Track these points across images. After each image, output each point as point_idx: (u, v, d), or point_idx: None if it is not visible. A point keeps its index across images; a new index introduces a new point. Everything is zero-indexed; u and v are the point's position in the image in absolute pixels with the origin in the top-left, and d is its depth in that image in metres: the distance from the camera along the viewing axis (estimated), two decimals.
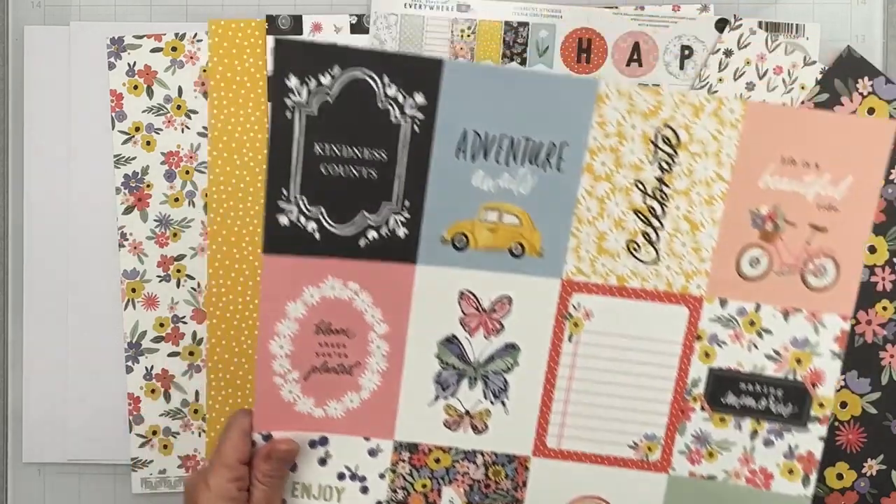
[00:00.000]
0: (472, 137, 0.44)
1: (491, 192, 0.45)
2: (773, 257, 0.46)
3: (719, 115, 0.45)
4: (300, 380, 0.46)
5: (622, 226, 0.46)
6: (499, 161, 0.45)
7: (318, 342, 0.46)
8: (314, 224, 0.44)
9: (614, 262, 0.47)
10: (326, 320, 0.46)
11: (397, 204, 0.45)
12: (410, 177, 0.44)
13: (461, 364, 0.48)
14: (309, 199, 0.44)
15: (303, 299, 0.45)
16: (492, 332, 0.47)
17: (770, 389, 0.47)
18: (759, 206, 0.46)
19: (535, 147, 0.45)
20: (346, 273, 0.45)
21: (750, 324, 0.47)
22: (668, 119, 0.45)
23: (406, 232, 0.45)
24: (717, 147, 0.45)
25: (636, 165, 0.46)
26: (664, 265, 0.47)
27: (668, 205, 0.46)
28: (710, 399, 0.48)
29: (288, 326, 0.45)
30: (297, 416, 0.47)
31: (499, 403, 0.48)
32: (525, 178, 0.45)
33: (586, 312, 0.47)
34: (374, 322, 0.46)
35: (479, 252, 0.46)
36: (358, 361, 0.47)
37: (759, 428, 0.47)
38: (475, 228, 0.46)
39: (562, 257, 0.46)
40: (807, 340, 0.47)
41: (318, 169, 0.43)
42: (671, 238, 0.46)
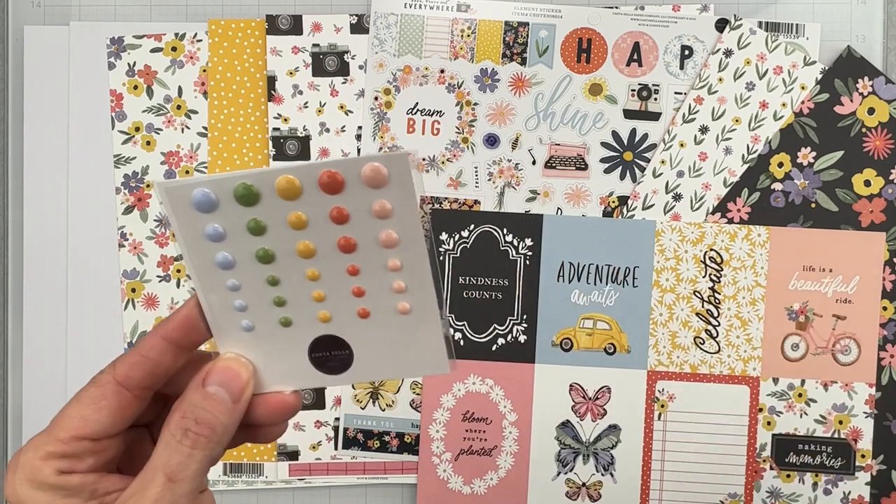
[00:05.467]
0: (568, 266, 0.64)
1: (586, 306, 0.64)
2: (808, 342, 0.64)
3: (750, 239, 0.64)
4: (452, 460, 0.63)
5: (688, 325, 0.64)
6: (589, 282, 0.64)
7: (465, 428, 0.63)
8: (459, 334, 0.63)
9: (686, 354, 0.64)
10: (470, 410, 0.63)
11: (518, 317, 0.64)
12: (526, 297, 0.64)
13: (576, 444, 0.64)
14: (456, 316, 0.63)
15: (452, 392, 0.63)
16: (597, 416, 0.64)
17: (822, 447, 0.63)
18: (792, 304, 0.64)
19: (615, 270, 0.64)
20: (483, 371, 0.63)
21: (798, 396, 0.64)
22: (711, 244, 0.64)
23: (525, 338, 0.64)
24: (752, 262, 0.64)
25: (692, 279, 0.65)
26: (725, 354, 0.64)
27: (721, 307, 0.65)
28: (776, 459, 0.64)
29: (442, 414, 0.63)
30: (450, 494, 0.63)
31: (608, 475, 0.64)
32: (610, 294, 0.65)
33: (670, 395, 0.64)
34: (506, 411, 0.64)
35: (581, 352, 0.64)
36: (495, 445, 0.64)
37: (818, 480, 0.63)
38: (576, 334, 0.64)
39: (645, 353, 0.64)
40: (844, 405, 0.63)
41: (461, 294, 0.63)
42: (727, 333, 0.64)
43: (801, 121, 0.64)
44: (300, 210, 0.30)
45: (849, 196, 0.64)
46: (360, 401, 0.65)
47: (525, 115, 0.65)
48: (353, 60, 0.66)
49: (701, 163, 0.65)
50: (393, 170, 0.29)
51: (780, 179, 0.64)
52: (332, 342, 0.33)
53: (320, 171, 0.29)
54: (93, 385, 0.32)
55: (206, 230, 0.30)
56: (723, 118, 0.64)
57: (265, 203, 0.30)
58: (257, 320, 0.32)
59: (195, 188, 0.29)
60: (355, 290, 0.31)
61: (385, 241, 0.30)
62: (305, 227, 0.30)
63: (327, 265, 0.31)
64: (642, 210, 0.65)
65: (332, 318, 0.32)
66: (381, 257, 0.31)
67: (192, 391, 0.31)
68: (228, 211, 0.30)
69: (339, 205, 0.29)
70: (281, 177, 0.29)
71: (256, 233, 0.30)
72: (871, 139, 0.64)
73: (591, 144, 0.65)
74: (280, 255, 0.31)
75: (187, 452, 0.30)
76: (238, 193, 0.29)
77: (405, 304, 0.32)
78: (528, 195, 0.65)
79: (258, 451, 0.66)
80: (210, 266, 0.31)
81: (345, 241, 0.30)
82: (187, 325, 0.32)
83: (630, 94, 0.65)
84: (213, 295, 0.32)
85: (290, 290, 0.32)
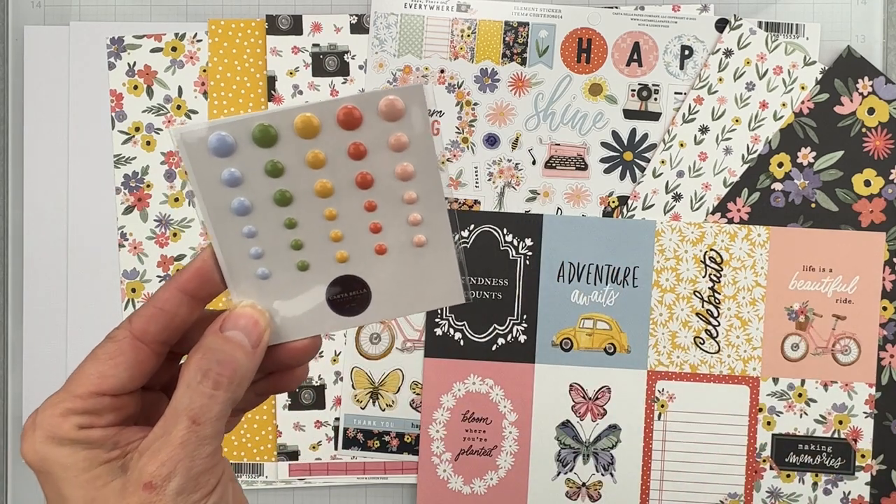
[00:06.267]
0: (568, 266, 0.65)
1: (585, 306, 0.65)
2: (808, 342, 0.65)
3: (750, 239, 0.65)
4: (452, 460, 0.64)
5: (688, 325, 0.65)
6: (589, 282, 0.65)
7: (465, 428, 0.64)
8: (459, 334, 0.64)
9: (686, 354, 0.65)
10: (470, 410, 0.64)
11: (518, 317, 0.64)
12: (526, 297, 0.64)
13: (576, 444, 0.65)
14: (456, 316, 0.64)
15: (452, 392, 0.64)
16: (597, 416, 0.65)
17: (822, 447, 0.64)
18: (792, 304, 0.65)
19: (615, 270, 0.65)
20: (483, 371, 0.64)
21: (798, 396, 0.64)
22: (711, 244, 0.65)
23: (525, 338, 0.64)
24: (752, 262, 0.65)
25: (692, 279, 0.65)
26: (725, 354, 0.65)
27: (721, 307, 0.65)
28: (776, 459, 0.64)
29: (442, 414, 0.63)
30: (450, 494, 0.63)
31: (608, 475, 0.65)
32: (610, 294, 0.65)
33: (670, 396, 0.65)
34: (506, 411, 0.64)
35: (581, 352, 0.65)
36: (495, 445, 0.64)
37: (818, 480, 0.64)
38: (576, 334, 0.65)
39: (645, 353, 0.65)
40: (844, 405, 0.64)
41: None
42: (727, 333, 0.65)
43: (801, 121, 0.65)
44: (318, 148, 0.30)
45: (849, 196, 0.65)
46: (360, 401, 0.66)
47: (525, 115, 0.66)
48: (353, 60, 0.66)
49: (701, 163, 0.65)
50: (409, 102, 0.29)
51: (780, 179, 0.65)
52: (350, 282, 0.33)
53: (338, 107, 0.29)
54: (109, 340, 0.32)
55: (223, 175, 0.30)
56: (723, 118, 0.65)
57: (283, 143, 0.30)
58: (274, 266, 0.32)
59: (212, 132, 0.29)
60: (372, 226, 0.32)
61: (401, 173, 0.31)
62: (323, 165, 0.30)
63: (345, 203, 0.31)
64: (642, 210, 0.65)
65: (350, 256, 0.32)
66: (398, 190, 0.31)
67: (209, 335, 0.31)
68: (246, 154, 0.30)
69: (356, 140, 0.30)
70: (299, 115, 0.29)
71: (274, 174, 0.30)
72: (871, 139, 0.64)
73: (591, 144, 0.66)
74: (298, 195, 0.31)
75: (209, 394, 0.30)
76: (256, 135, 0.29)
77: (421, 237, 0.32)
78: (528, 195, 0.65)
79: (258, 451, 0.66)
80: (226, 213, 0.31)
81: (362, 176, 0.31)
82: (202, 275, 0.32)
83: (630, 94, 0.66)
84: (229, 243, 0.32)
85: (307, 232, 0.32)
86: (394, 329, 0.65)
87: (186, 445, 0.29)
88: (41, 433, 0.30)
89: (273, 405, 0.66)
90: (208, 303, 0.33)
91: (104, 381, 0.31)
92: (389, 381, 0.65)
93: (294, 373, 0.35)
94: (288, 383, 0.36)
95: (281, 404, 0.66)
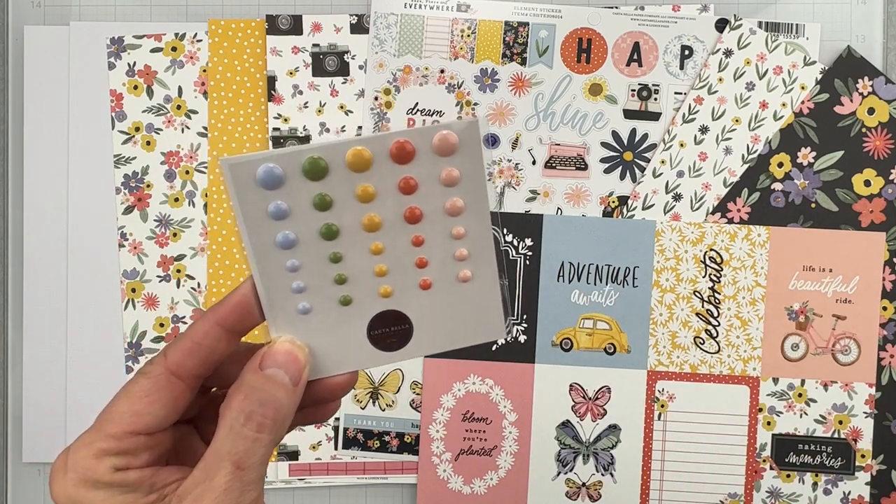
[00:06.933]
0: (568, 266, 0.65)
1: (586, 306, 0.65)
2: (808, 342, 0.65)
3: (750, 239, 0.65)
4: (452, 460, 0.64)
5: (688, 325, 0.65)
6: (589, 282, 0.65)
7: (465, 428, 0.64)
8: None
9: (686, 354, 0.65)
10: (470, 410, 0.64)
11: (518, 317, 0.65)
12: (526, 297, 0.65)
13: (576, 444, 0.65)
14: None
15: (452, 392, 0.64)
16: (597, 416, 0.65)
17: (822, 447, 0.64)
18: (792, 304, 0.65)
19: (615, 270, 0.65)
20: (483, 371, 0.64)
21: (798, 396, 0.65)
22: (711, 244, 0.65)
23: (525, 338, 0.65)
24: (752, 262, 0.65)
25: (692, 279, 0.65)
26: (725, 354, 0.65)
27: (721, 307, 0.65)
28: (776, 459, 0.64)
29: (442, 414, 0.64)
30: (450, 494, 0.64)
31: (608, 475, 0.65)
32: (610, 294, 0.65)
33: (670, 395, 0.65)
34: (506, 411, 0.65)
35: (581, 352, 0.65)
36: (495, 445, 0.64)
37: (818, 480, 0.64)
38: (576, 334, 0.65)
39: (645, 353, 0.65)
40: (844, 405, 0.64)
41: None
42: (727, 333, 0.65)
43: (801, 121, 0.65)
44: (368, 182, 0.30)
45: (849, 196, 0.65)
46: (360, 401, 0.66)
47: (525, 115, 0.66)
48: (353, 60, 0.66)
49: (701, 163, 0.65)
50: (463, 136, 0.29)
51: (780, 179, 0.65)
52: (392, 318, 0.33)
53: (392, 141, 0.29)
54: (143, 377, 0.31)
55: (270, 208, 0.30)
56: (723, 118, 0.65)
57: (333, 176, 0.29)
58: (315, 301, 0.32)
59: (261, 164, 0.29)
60: (419, 261, 0.32)
61: (451, 208, 0.30)
62: (373, 199, 0.30)
63: (392, 237, 0.31)
64: (642, 210, 0.66)
65: (394, 292, 0.32)
66: (447, 225, 0.31)
67: (249, 374, 0.30)
68: (294, 186, 0.29)
69: (408, 175, 0.30)
70: (351, 149, 0.29)
71: (322, 208, 0.30)
72: (871, 139, 0.65)
73: (591, 144, 0.66)
74: (345, 229, 0.30)
75: (253, 437, 0.29)
76: (306, 168, 0.29)
77: (466, 272, 0.32)
78: (528, 195, 0.66)
79: None
80: (270, 246, 0.30)
81: (411, 211, 0.30)
82: (241, 308, 0.31)
83: (630, 94, 0.66)
84: (271, 277, 0.31)
85: (352, 266, 0.31)
86: None
87: (231, 492, 0.28)
88: (74, 475, 0.29)
89: None
90: (245, 335, 0.32)
91: (139, 420, 0.30)
92: (389, 381, 0.66)
93: (328, 406, 0.35)
94: (321, 416, 0.35)
95: None
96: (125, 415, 0.30)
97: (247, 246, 0.31)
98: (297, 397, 0.31)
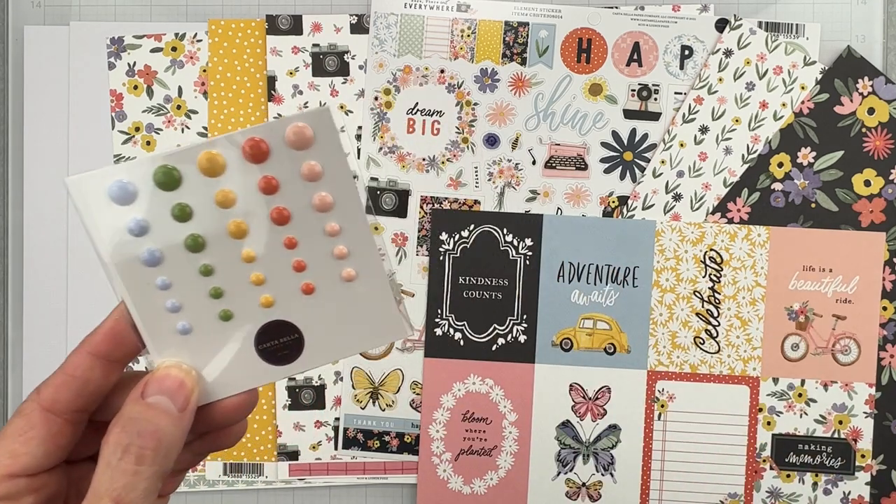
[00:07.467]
0: (568, 266, 0.65)
1: (586, 306, 0.65)
2: (808, 342, 0.65)
3: (750, 239, 0.65)
4: (452, 460, 0.64)
5: (688, 325, 0.65)
6: (589, 282, 0.65)
7: (465, 428, 0.64)
8: (459, 334, 0.64)
9: (686, 354, 0.65)
10: (470, 410, 0.64)
11: (518, 318, 0.65)
12: (526, 297, 0.65)
13: (576, 444, 0.65)
14: (456, 316, 0.64)
15: (452, 392, 0.64)
16: (597, 416, 0.65)
17: (822, 447, 0.64)
18: (792, 304, 0.65)
19: (615, 270, 0.65)
20: (483, 371, 0.64)
21: (798, 396, 0.65)
22: (711, 244, 0.65)
23: (525, 338, 0.65)
24: (752, 262, 0.65)
25: (692, 279, 0.66)
26: (725, 354, 0.65)
27: (721, 307, 0.65)
28: (776, 459, 0.65)
29: (442, 414, 0.64)
30: (450, 494, 0.64)
31: (608, 475, 0.65)
32: (610, 294, 0.65)
33: (670, 395, 0.65)
34: (506, 411, 0.65)
35: (581, 352, 0.65)
36: (495, 445, 0.65)
37: (818, 480, 0.64)
38: (576, 334, 0.65)
39: (645, 353, 0.65)
40: (844, 405, 0.64)
41: (461, 294, 0.64)
42: (727, 333, 0.65)
43: (801, 121, 0.65)
44: (226, 186, 0.28)
45: (849, 196, 0.65)
46: (360, 401, 0.66)
47: (525, 115, 0.66)
48: (353, 60, 0.67)
49: (701, 163, 0.66)
50: (317, 127, 0.28)
51: (780, 179, 0.65)
52: (279, 328, 0.31)
53: (243, 140, 0.28)
54: (17, 416, 0.29)
55: (128, 225, 0.28)
56: (723, 118, 0.65)
57: (188, 184, 0.28)
58: (194, 319, 0.30)
59: (111, 179, 0.27)
60: (296, 264, 0.30)
61: (319, 205, 0.29)
62: (234, 203, 0.28)
63: (262, 242, 0.29)
64: (642, 210, 0.66)
65: (276, 300, 0.30)
66: (318, 223, 0.29)
67: (129, 403, 0.29)
68: (150, 199, 0.28)
69: (266, 174, 0.28)
70: (202, 153, 0.28)
71: (183, 219, 0.28)
72: (871, 139, 0.65)
73: (591, 144, 0.66)
74: (211, 239, 0.29)
75: (132, 471, 0.27)
76: (158, 178, 0.28)
77: (350, 270, 0.30)
78: (528, 195, 0.66)
79: (258, 451, 0.67)
80: (135, 265, 0.29)
81: (278, 212, 0.29)
82: (114, 336, 0.30)
83: (630, 94, 0.66)
84: (142, 298, 0.29)
85: (226, 278, 0.30)
86: None
87: None
88: None
89: (273, 405, 0.67)
90: (126, 363, 0.31)
91: (16, 462, 0.28)
92: (389, 381, 0.66)
93: (232, 429, 0.33)
94: (226, 441, 0.33)
95: (281, 404, 0.67)
96: (1, 457, 0.28)
97: (108, 269, 0.29)
98: (186, 424, 0.29)
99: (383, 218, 0.66)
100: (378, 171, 0.66)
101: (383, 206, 0.66)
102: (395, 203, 0.66)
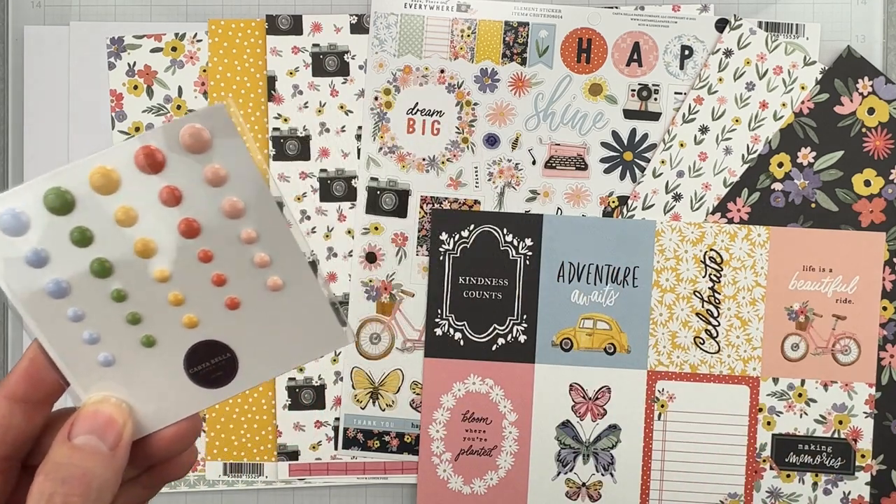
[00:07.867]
0: (568, 266, 0.65)
1: (586, 306, 0.65)
2: (808, 342, 0.65)
3: (750, 239, 0.66)
4: (452, 460, 0.64)
5: (688, 325, 0.66)
6: (589, 282, 0.65)
7: (465, 428, 0.64)
8: (459, 334, 0.64)
9: (686, 354, 0.65)
10: (470, 410, 0.64)
11: (518, 318, 0.65)
12: (526, 297, 0.65)
13: (576, 444, 0.65)
14: (456, 316, 0.64)
15: (452, 392, 0.64)
16: (597, 416, 0.65)
17: (822, 447, 0.64)
18: (792, 304, 0.65)
19: (615, 270, 0.66)
20: (483, 371, 0.64)
21: (798, 396, 0.65)
22: (711, 244, 0.66)
23: (525, 338, 0.65)
24: (752, 262, 0.65)
25: (692, 279, 0.66)
26: (725, 354, 0.65)
27: (721, 307, 0.66)
28: (776, 459, 0.65)
29: (442, 414, 0.64)
30: (450, 494, 0.64)
31: (608, 475, 0.65)
32: (610, 294, 0.66)
33: (670, 395, 0.65)
34: (506, 411, 0.65)
35: (581, 352, 0.65)
36: (495, 445, 0.65)
37: (818, 480, 0.64)
38: (576, 334, 0.65)
39: (645, 353, 0.65)
40: (844, 405, 0.64)
41: (461, 294, 0.64)
42: (727, 333, 0.65)
43: (801, 121, 0.65)
44: (126, 202, 0.26)
45: (849, 196, 0.65)
46: (360, 401, 0.66)
47: (525, 115, 0.66)
48: (353, 60, 0.67)
49: (701, 163, 0.66)
50: (214, 127, 0.26)
51: (780, 179, 0.66)
52: (209, 349, 0.29)
53: (134, 150, 0.26)
54: None
55: (26, 256, 0.26)
56: (723, 118, 0.65)
57: (83, 205, 0.26)
58: (115, 349, 0.28)
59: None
60: (215, 278, 0.28)
61: (230, 210, 0.27)
62: (136, 220, 0.26)
63: (174, 258, 0.27)
64: (642, 210, 0.66)
65: (200, 320, 0.28)
66: (232, 230, 0.27)
67: (55, 447, 0.27)
68: (44, 226, 0.26)
69: (167, 183, 0.26)
70: (92, 169, 0.26)
71: (83, 244, 0.26)
72: (871, 139, 0.65)
73: (591, 144, 0.66)
74: (118, 262, 0.27)
75: None
76: (49, 203, 0.26)
77: (275, 279, 0.28)
78: (528, 195, 0.66)
79: (258, 451, 0.67)
80: (41, 299, 0.27)
81: (186, 224, 0.27)
82: (31, 376, 0.28)
83: (630, 94, 0.66)
84: (55, 332, 0.27)
85: (141, 301, 0.28)
86: (394, 329, 0.66)
87: None
88: None
89: (273, 405, 0.67)
90: (49, 403, 0.29)
91: None
92: (389, 381, 0.66)
93: (178, 460, 0.31)
94: (175, 472, 0.31)
95: (281, 404, 0.67)
96: None
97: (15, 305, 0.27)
98: (119, 463, 0.27)
99: (384, 218, 0.66)
100: (378, 172, 0.66)
101: (383, 206, 0.66)
102: (395, 203, 0.66)
